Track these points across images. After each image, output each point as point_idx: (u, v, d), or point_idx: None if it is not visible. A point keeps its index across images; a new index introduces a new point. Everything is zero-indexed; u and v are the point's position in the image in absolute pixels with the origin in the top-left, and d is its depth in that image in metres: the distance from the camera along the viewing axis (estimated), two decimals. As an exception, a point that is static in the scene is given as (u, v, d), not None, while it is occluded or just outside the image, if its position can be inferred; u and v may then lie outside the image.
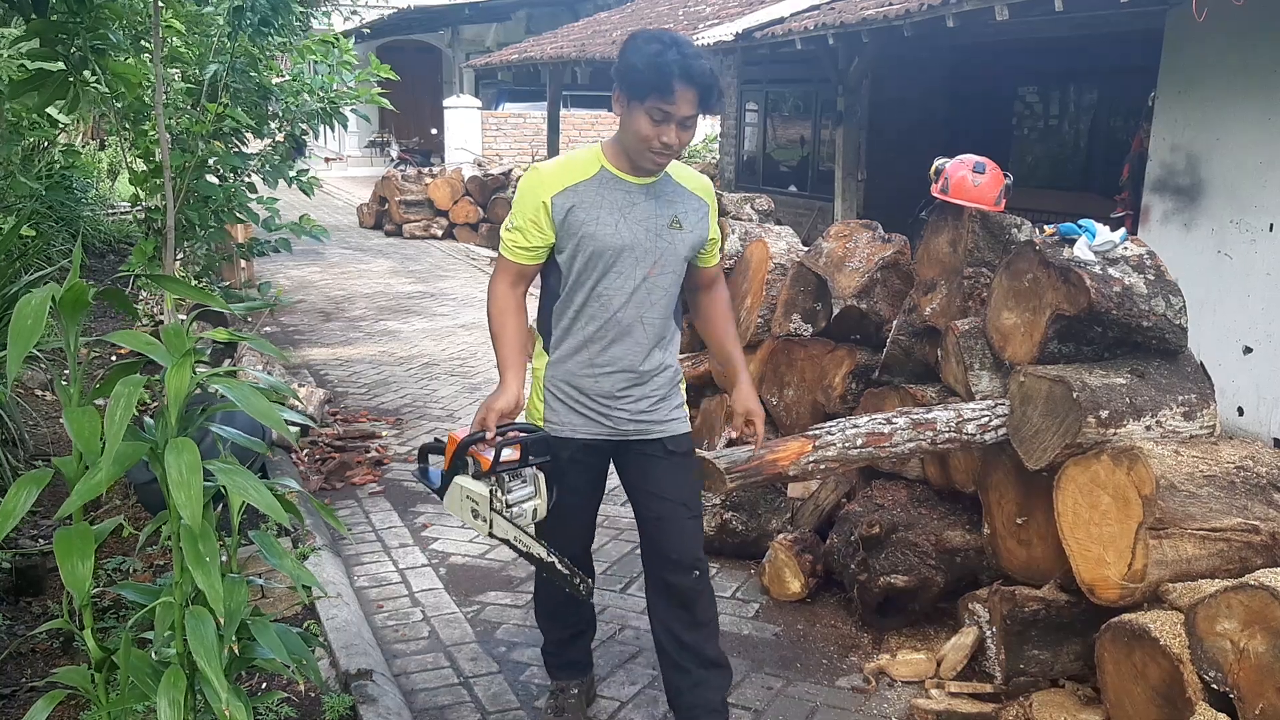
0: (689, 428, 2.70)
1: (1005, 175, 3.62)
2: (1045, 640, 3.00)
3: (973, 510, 3.42)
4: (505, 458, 2.39)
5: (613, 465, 2.72)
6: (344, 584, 3.69)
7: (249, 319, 7.69)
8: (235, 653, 2.03)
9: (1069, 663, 2.99)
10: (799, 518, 3.96)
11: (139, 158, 4.65)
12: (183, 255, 5.37)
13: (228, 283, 6.69)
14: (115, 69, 3.78)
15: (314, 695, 2.89)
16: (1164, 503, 2.76)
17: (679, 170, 2.57)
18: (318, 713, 2.82)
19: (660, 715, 2.97)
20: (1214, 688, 2.40)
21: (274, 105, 5.20)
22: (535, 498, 2.48)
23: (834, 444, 3.01)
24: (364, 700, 2.86)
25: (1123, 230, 3.19)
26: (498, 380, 2.52)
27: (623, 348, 2.52)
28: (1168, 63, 5.49)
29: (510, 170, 13.86)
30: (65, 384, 1.97)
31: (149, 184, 4.68)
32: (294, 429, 2.10)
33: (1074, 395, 2.82)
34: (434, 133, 19.18)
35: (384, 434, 5.52)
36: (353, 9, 17.33)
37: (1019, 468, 3.05)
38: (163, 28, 4.08)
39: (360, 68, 5.51)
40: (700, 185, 2.61)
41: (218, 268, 6.20)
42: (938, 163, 3.70)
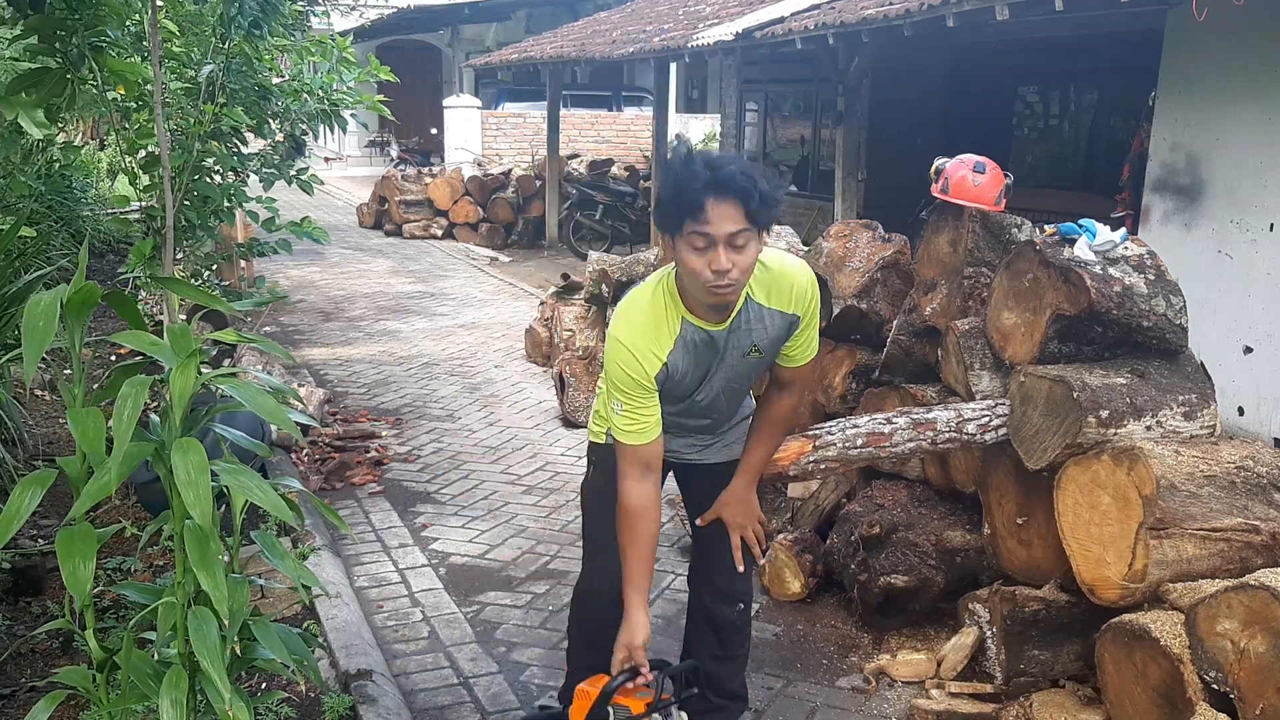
0: None
1: (1005, 175, 3.62)
2: (1045, 640, 3.00)
3: (973, 510, 3.42)
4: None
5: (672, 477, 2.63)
6: (344, 584, 3.69)
7: (248, 318, 7.69)
8: (236, 653, 2.04)
9: (1069, 663, 2.99)
10: (799, 518, 3.96)
11: (131, 156, 4.65)
12: (182, 255, 5.37)
13: (227, 282, 6.68)
14: (113, 66, 3.77)
15: (314, 695, 2.89)
16: (1164, 503, 2.76)
17: (766, 285, 2.25)
18: (318, 713, 2.82)
19: None
20: (1214, 688, 2.40)
21: (274, 104, 5.19)
22: None
23: (834, 444, 3.01)
24: (364, 700, 2.86)
25: (1123, 230, 3.19)
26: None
27: (697, 425, 2.46)
28: (1168, 62, 5.49)
29: (510, 170, 13.86)
30: (68, 385, 1.97)
31: (147, 184, 4.67)
32: (298, 428, 2.10)
33: (1074, 395, 2.82)
34: (434, 132, 19.16)
35: (384, 434, 5.52)
36: (352, 7, 17.33)
37: (1019, 468, 3.05)
38: (160, 28, 4.07)
39: (360, 67, 5.50)
40: (789, 297, 2.28)
41: (217, 267, 6.20)
42: (938, 162, 3.70)
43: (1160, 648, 2.49)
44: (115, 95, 3.91)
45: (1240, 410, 5.17)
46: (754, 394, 2.65)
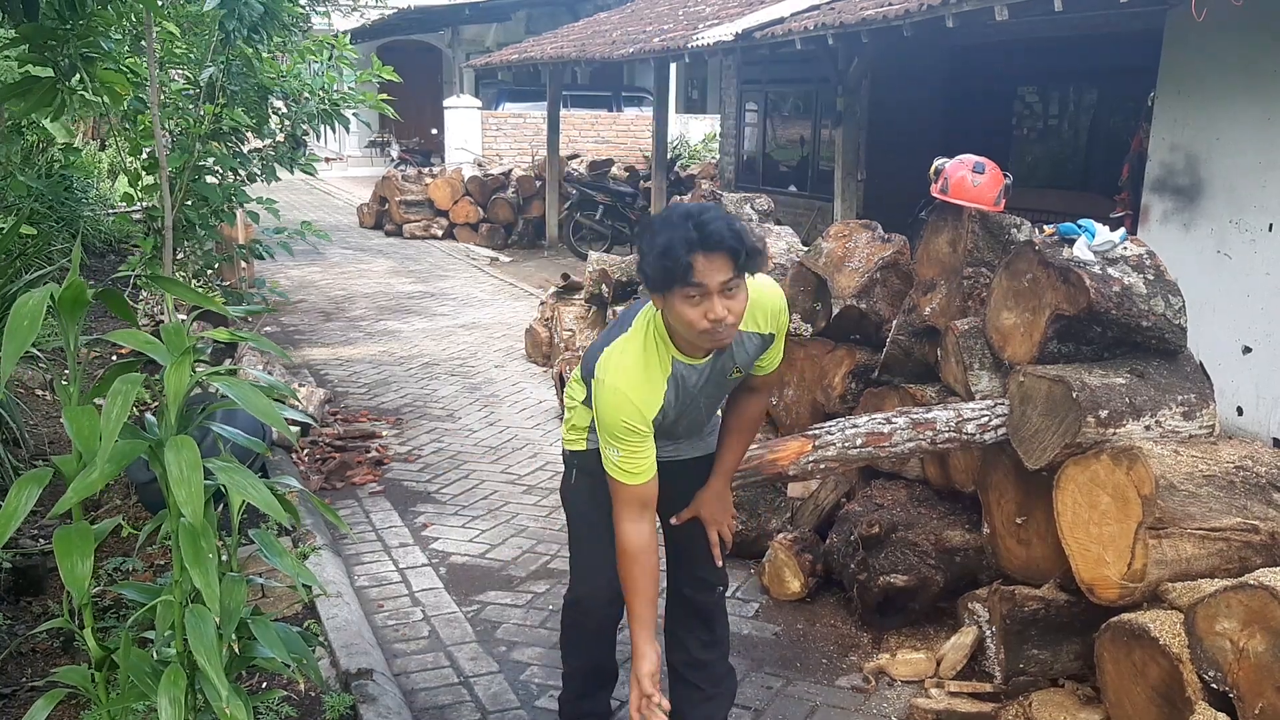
0: None
1: (1005, 175, 3.62)
2: (1045, 640, 3.00)
3: (972, 510, 3.42)
4: None
5: None
6: (344, 583, 3.69)
7: (248, 319, 7.69)
8: (236, 651, 2.04)
9: (1069, 662, 2.99)
10: (799, 517, 3.96)
11: (133, 156, 4.66)
12: (182, 255, 5.38)
13: (228, 283, 6.69)
14: (104, 78, 3.76)
15: (314, 694, 2.90)
16: (1163, 502, 2.76)
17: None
18: (318, 712, 2.82)
19: (660, 715, 2.98)
20: (1213, 687, 2.40)
21: (276, 100, 5.20)
22: None
23: (834, 443, 3.02)
24: (364, 699, 2.86)
25: (1122, 230, 3.19)
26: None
27: (674, 433, 2.47)
28: (1167, 62, 5.49)
29: (510, 170, 13.86)
30: (65, 383, 1.97)
31: (147, 184, 4.68)
32: (294, 428, 2.10)
33: (1073, 395, 2.82)
34: (434, 133, 19.17)
35: (384, 434, 5.52)
36: (353, 7, 17.33)
37: (1019, 467, 3.05)
38: (158, 30, 4.08)
39: (360, 67, 5.52)
40: (764, 317, 2.34)
41: (218, 268, 6.20)
42: (937, 163, 3.70)
43: (1159, 647, 2.49)
44: (103, 101, 3.90)
45: (1239, 410, 5.17)
46: None
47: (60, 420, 4.83)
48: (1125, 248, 3.13)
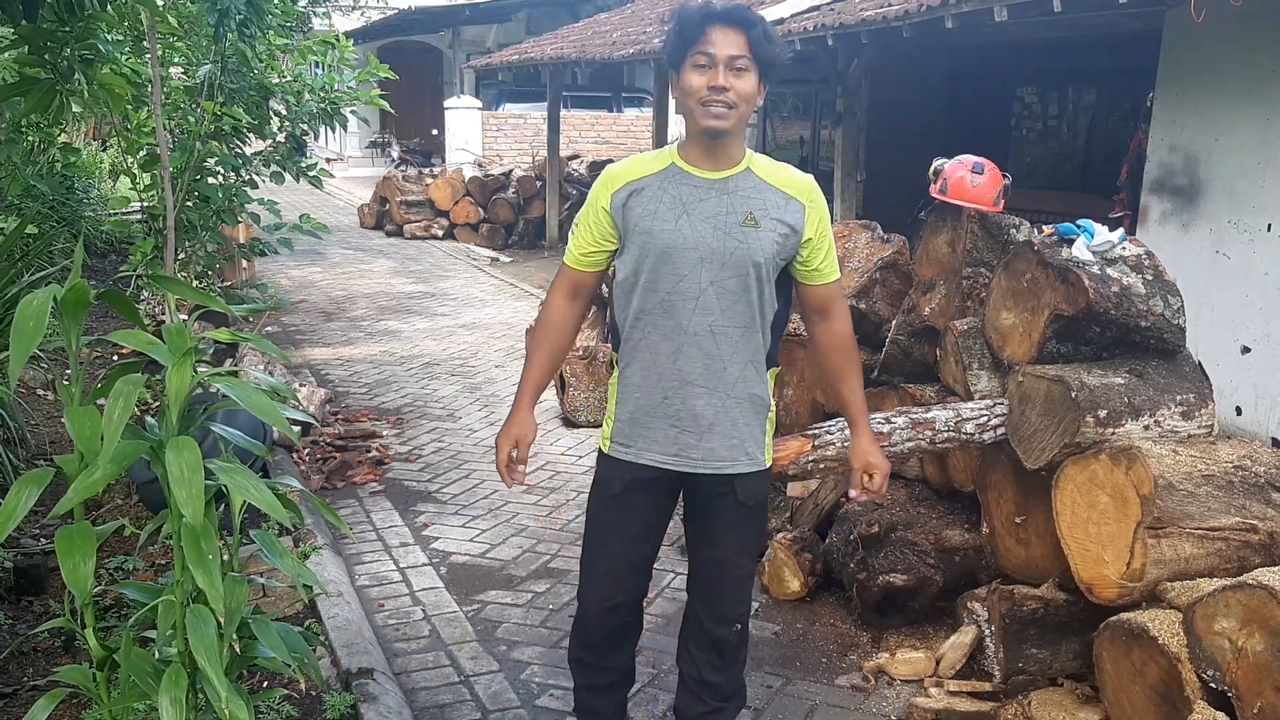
0: (766, 467, 2.43)
1: (1004, 175, 3.63)
2: (1044, 639, 3.01)
3: (972, 509, 3.43)
4: None
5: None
6: (345, 583, 3.70)
7: (250, 319, 7.70)
8: (237, 651, 2.04)
9: (1068, 661, 3.00)
10: (798, 517, 3.96)
11: (132, 156, 4.66)
12: (183, 255, 5.39)
13: (229, 283, 6.69)
14: (102, 80, 3.77)
15: (315, 694, 2.90)
16: (1162, 502, 2.76)
17: (768, 167, 2.27)
18: (319, 711, 2.83)
19: (660, 714, 2.98)
20: (1212, 686, 2.41)
21: (276, 104, 5.21)
22: None
23: (833, 443, 3.02)
24: (365, 699, 2.87)
25: (1121, 230, 3.20)
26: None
27: (691, 359, 2.26)
28: (1166, 63, 5.49)
29: (511, 171, 13.87)
30: (67, 384, 1.98)
31: (147, 184, 4.69)
32: (295, 428, 2.10)
33: (1072, 395, 2.83)
34: (435, 133, 19.18)
35: (385, 433, 5.53)
36: (354, 6, 17.33)
37: (1018, 467, 3.06)
38: (160, 27, 4.09)
39: (360, 67, 5.52)
40: (792, 182, 2.27)
41: (219, 267, 6.21)
42: (936, 163, 3.70)
43: (1158, 646, 2.50)
44: (103, 104, 3.90)
45: (1238, 410, 5.18)
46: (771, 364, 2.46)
47: (62, 420, 4.84)
48: (1124, 248, 3.14)
